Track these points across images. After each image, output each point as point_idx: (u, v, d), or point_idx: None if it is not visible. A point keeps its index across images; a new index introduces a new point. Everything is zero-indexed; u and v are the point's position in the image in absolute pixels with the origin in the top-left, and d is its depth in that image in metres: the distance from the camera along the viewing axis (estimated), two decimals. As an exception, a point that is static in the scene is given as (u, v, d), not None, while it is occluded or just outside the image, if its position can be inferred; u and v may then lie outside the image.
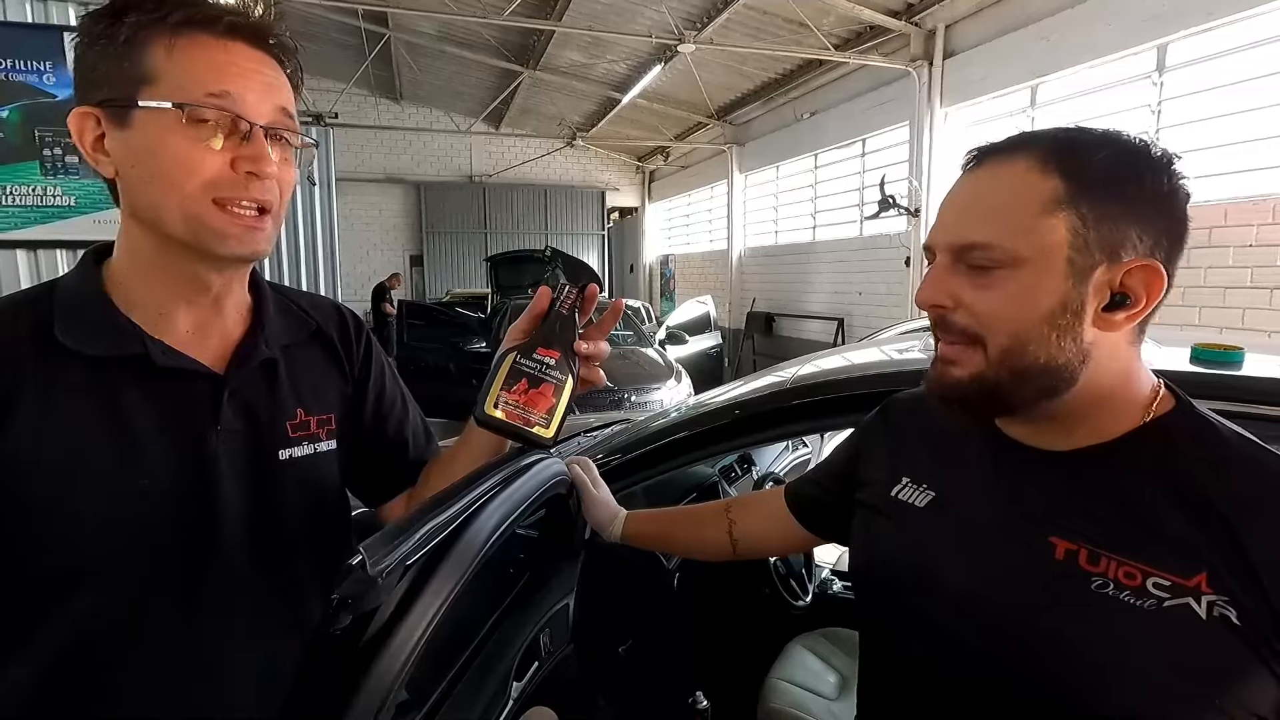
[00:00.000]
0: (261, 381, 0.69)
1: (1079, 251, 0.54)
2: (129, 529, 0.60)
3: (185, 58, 0.58)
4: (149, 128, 0.58)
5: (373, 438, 0.79)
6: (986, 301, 0.57)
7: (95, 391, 0.60)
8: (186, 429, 0.63)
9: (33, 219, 3.15)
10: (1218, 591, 0.50)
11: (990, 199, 0.57)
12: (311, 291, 0.83)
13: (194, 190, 0.58)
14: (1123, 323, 0.56)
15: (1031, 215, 0.55)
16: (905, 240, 6.42)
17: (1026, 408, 0.59)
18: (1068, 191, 0.54)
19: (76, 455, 0.58)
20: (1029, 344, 0.56)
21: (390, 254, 12.58)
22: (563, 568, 1.04)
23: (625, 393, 4.96)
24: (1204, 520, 0.53)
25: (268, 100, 0.61)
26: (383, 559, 0.42)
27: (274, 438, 0.68)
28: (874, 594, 0.70)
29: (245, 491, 0.65)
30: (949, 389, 0.61)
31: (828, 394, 1.21)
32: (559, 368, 0.72)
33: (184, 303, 0.65)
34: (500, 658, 0.84)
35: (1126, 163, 0.55)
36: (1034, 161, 0.56)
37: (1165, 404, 0.59)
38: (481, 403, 0.71)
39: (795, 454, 2.29)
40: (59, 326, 0.60)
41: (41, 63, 3.06)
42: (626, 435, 1.46)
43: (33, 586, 0.59)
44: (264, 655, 0.66)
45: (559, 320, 0.73)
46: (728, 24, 6.79)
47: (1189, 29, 4.23)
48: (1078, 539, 0.56)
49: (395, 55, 9.88)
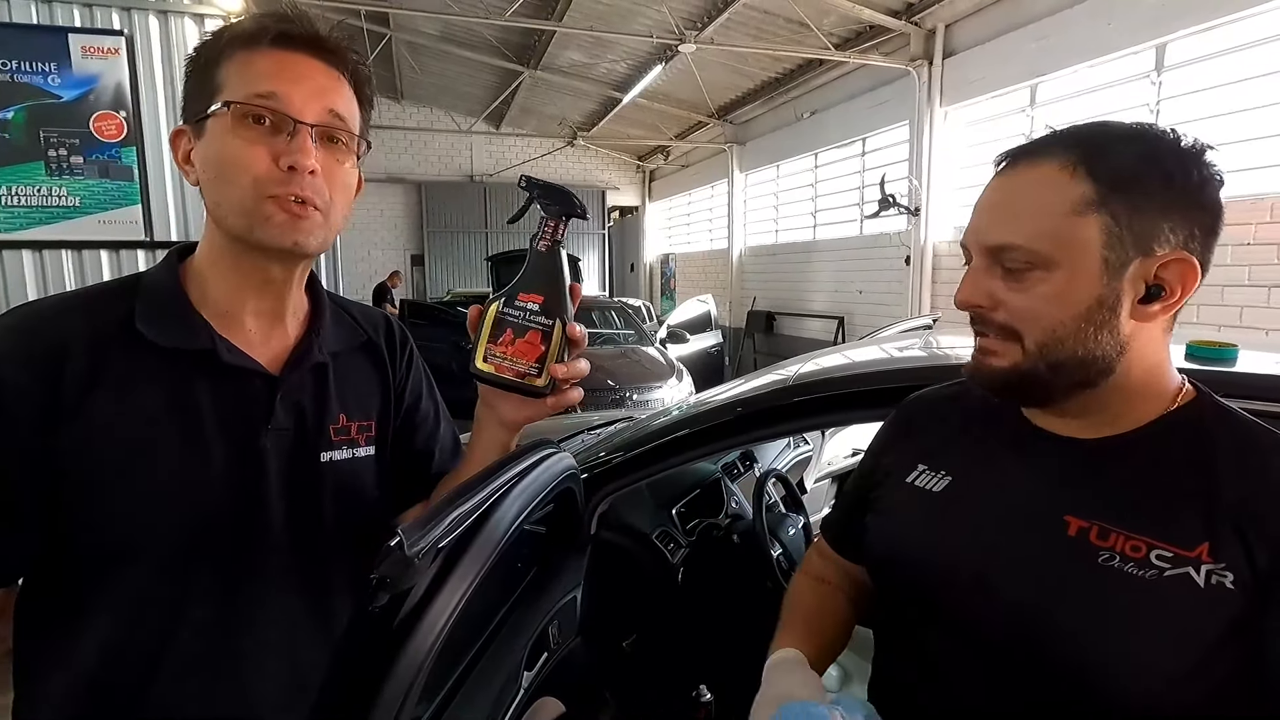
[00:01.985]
0: (311, 384, 0.72)
1: (1113, 250, 0.56)
2: (181, 512, 0.63)
3: (241, 68, 0.64)
4: (213, 133, 0.64)
5: (399, 447, 0.81)
6: (1022, 301, 0.59)
7: (166, 381, 0.64)
8: (242, 424, 0.67)
9: (38, 219, 3.16)
10: (1217, 561, 0.53)
11: (1021, 202, 0.59)
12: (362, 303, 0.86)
13: (246, 185, 0.63)
14: (1158, 314, 0.58)
15: (1063, 218, 0.56)
16: (905, 239, 6.43)
17: (1064, 396, 0.61)
18: (1098, 193, 0.55)
19: (144, 438, 0.62)
20: (1066, 339, 0.58)
21: (391, 254, 12.59)
22: (570, 561, 1.05)
23: (627, 391, 4.98)
24: (1213, 499, 0.55)
25: (317, 101, 0.65)
26: (419, 541, 0.44)
27: (318, 440, 0.71)
28: (889, 579, 0.71)
29: (287, 489, 0.68)
30: (989, 377, 0.62)
31: (829, 391, 1.22)
32: (544, 312, 0.67)
33: (251, 300, 0.69)
34: (512, 648, 0.86)
35: (1156, 158, 0.56)
36: (1063, 164, 0.57)
37: (1189, 396, 0.61)
38: (472, 357, 0.69)
39: (797, 451, 2.30)
40: (140, 317, 0.64)
41: (46, 64, 3.08)
42: (629, 433, 1.48)
43: (93, 559, 0.62)
44: (291, 648, 0.68)
45: (539, 259, 0.69)
46: (728, 24, 6.80)
47: (1188, 28, 4.25)
48: (1092, 517, 0.58)
49: (396, 55, 9.89)
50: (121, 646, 0.63)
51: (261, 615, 0.67)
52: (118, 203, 3.23)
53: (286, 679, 0.68)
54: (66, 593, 0.63)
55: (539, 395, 0.69)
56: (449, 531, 0.49)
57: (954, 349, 1.46)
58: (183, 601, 0.64)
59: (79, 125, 3.13)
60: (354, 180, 0.70)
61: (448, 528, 0.49)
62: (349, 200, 0.70)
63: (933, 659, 0.65)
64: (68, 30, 3.12)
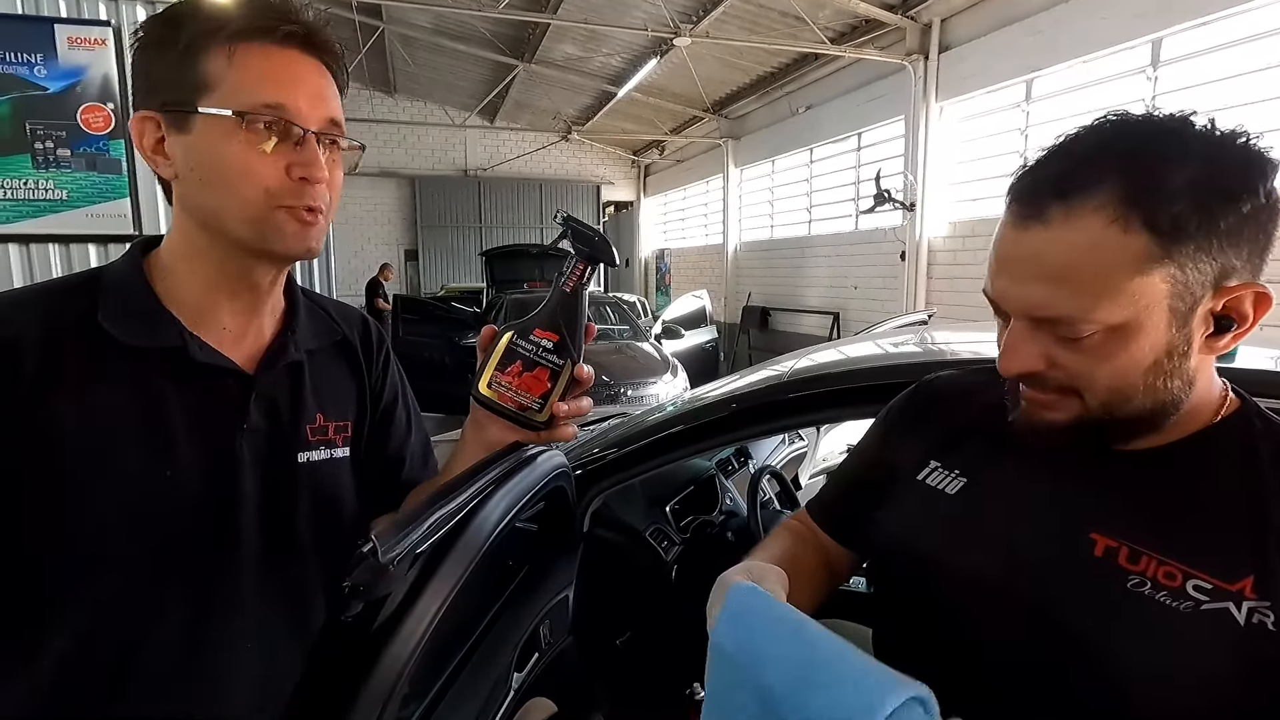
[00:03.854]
0: (287, 383, 0.70)
1: (1180, 298, 0.50)
2: (152, 518, 0.61)
3: (243, 66, 0.60)
4: (208, 133, 0.60)
5: (371, 451, 0.79)
6: (1082, 363, 0.53)
7: (133, 381, 0.61)
8: (215, 425, 0.64)
9: (25, 212, 3.12)
10: (1262, 598, 0.48)
11: (1068, 264, 0.50)
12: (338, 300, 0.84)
13: (255, 196, 0.61)
14: (1229, 344, 0.53)
15: (1122, 279, 0.49)
16: (900, 234, 6.43)
17: (1128, 440, 0.56)
18: (1159, 245, 0.48)
19: (110, 441, 0.59)
20: (1133, 395, 0.53)
21: (385, 249, 12.54)
22: (561, 560, 1.04)
23: (621, 387, 4.97)
24: (1260, 526, 0.50)
25: (319, 108, 0.63)
26: (393, 547, 0.43)
27: (294, 440, 0.69)
28: (898, 581, 0.67)
29: (262, 491, 0.66)
30: (1045, 432, 0.57)
31: (824, 387, 1.21)
32: (557, 351, 0.67)
33: (227, 299, 0.66)
34: (501, 649, 0.84)
35: (1218, 183, 0.48)
36: (1111, 215, 0.48)
37: (1233, 406, 0.57)
38: (476, 379, 0.69)
39: (792, 447, 2.29)
40: (103, 313, 0.61)
41: (32, 55, 3.04)
42: (623, 429, 1.46)
43: (59, 569, 0.59)
44: (266, 654, 0.66)
45: (562, 298, 0.68)
46: (723, 17, 6.78)
47: (1184, 23, 4.25)
48: (1121, 537, 0.54)
49: (389, 48, 9.83)
50: (88, 656, 0.60)
51: (236, 621, 0.65)
52: (106, 196, 3.19)
53: (262, 684, 0.66)
54: (29, 601, 0.60)
55: (534, 429, 0.70)
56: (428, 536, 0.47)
57: (950, 344, 1.45)
58: (154, 610, 0.61)
59: (66, 117, 3.09)
60: (341, 179, 0.69)
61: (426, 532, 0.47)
62: (339, 199, 0.69)
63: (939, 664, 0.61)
64: (53, 20, 3.08)
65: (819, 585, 0.74)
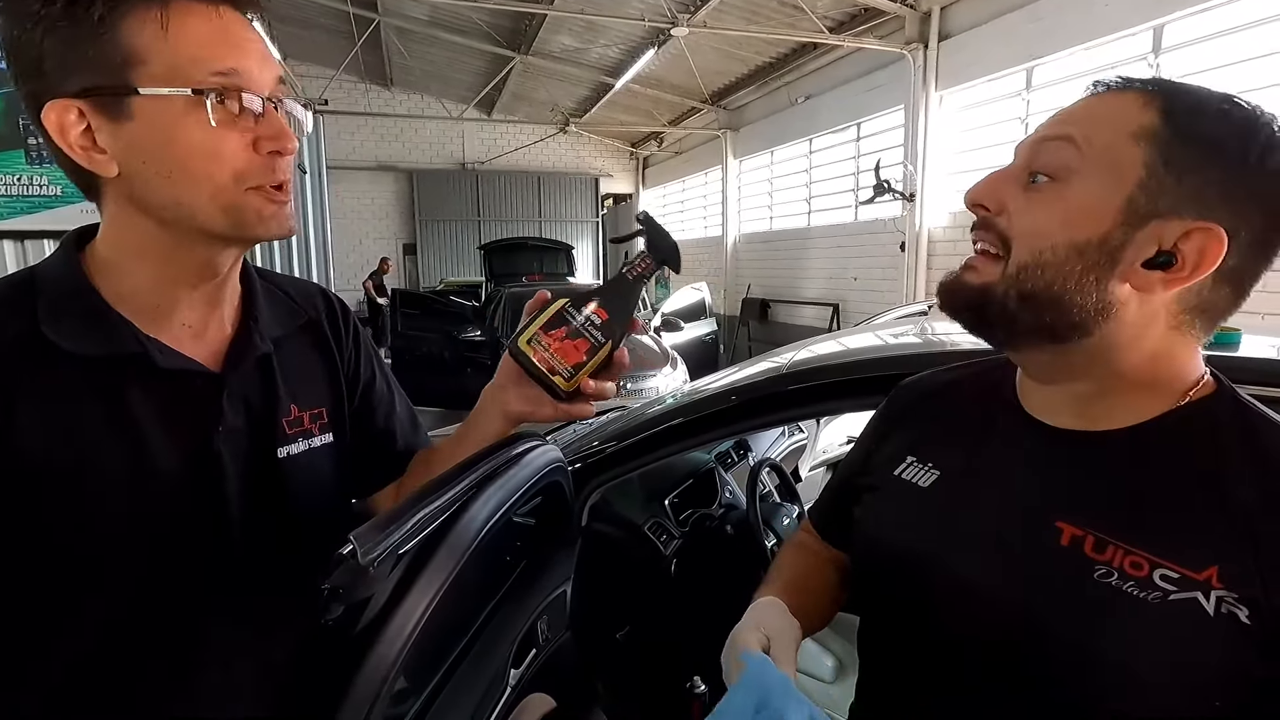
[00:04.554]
0: (257, 377, 0.66)
1: (1146, 192, 0.51)
2: (139, 533, 0.58)
3: (180, 34, 0.52)
4: (155, 117, 0.53)
5: (360, 428, 0.77)
6: (1027, 213, 0.55)
7: (96, 393, 0.57)
8: (190, 429, 0.61)
9: (19, 209, 3.11)
10: (1229, 587, 0.48)
11: (1092, 112, 0.56)
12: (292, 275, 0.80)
13: (226, 181, 0.55)
14: (1158, 285, 0.52)
15: (1116, 134, 0.53)
16: (900, 225, 6.40)
17: (1027, 339, 0.57)
18: (1162, 130, 0.51)
19: (84, 459, 0.56)
20: (1046, 267, 0.53)
21: (383, 243, 12.49)
22: (559, 555, 1.03)
23: (621, 380, 4.95)
24: (1224, 513, 0.50)
25: (268, 72, 0.57)
26: (374, 548, 0.42)
27: (272, 435, 0.66)
28: (874, 576, 0.69)
29: (246, 491, 0.64)
30: (956, 293, 0.59)
31: (824, 379, 1.20)
32: (603, 329, 0.69)
33: (185, 294, 0.62)
34: (498, 645, 0.84)
35: (1242, 136, 0.50)
36: (1144, 96, 0.54)
37: (1205, 390, 0.56)
38: (518, 334, 0.69)
39: (791, 439, 2.29)
40: (46, 323, 0.56)
41: (24, 49, 3.02)
42: (622, 422, 1.46)
43: (50, 595, 0.57)
44: (265, 653, 0.65)
45: (623, 284, 0.71)
46: (721, 6, 6.73)
47: (1186, 9, 4.21)
48: (1086, 525, 0.54)
49: (385, 40, 9.76)
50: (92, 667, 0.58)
51: (228, 623, 0.63)
52: (99, 192, 3.18)
53: (257, 684, 0.65)
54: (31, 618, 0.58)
55: (557, 396, 0.70)
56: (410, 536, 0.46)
57: (949, 335, 1.44)
58: (151, 619, 0.60)
59: (59, 113, 3.08)
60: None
61: (409, 532, 0.46)
62: None
63: (915, 657, 0.63)
64: (45, 14, 3.05)
65: (834, 596, 0.76)
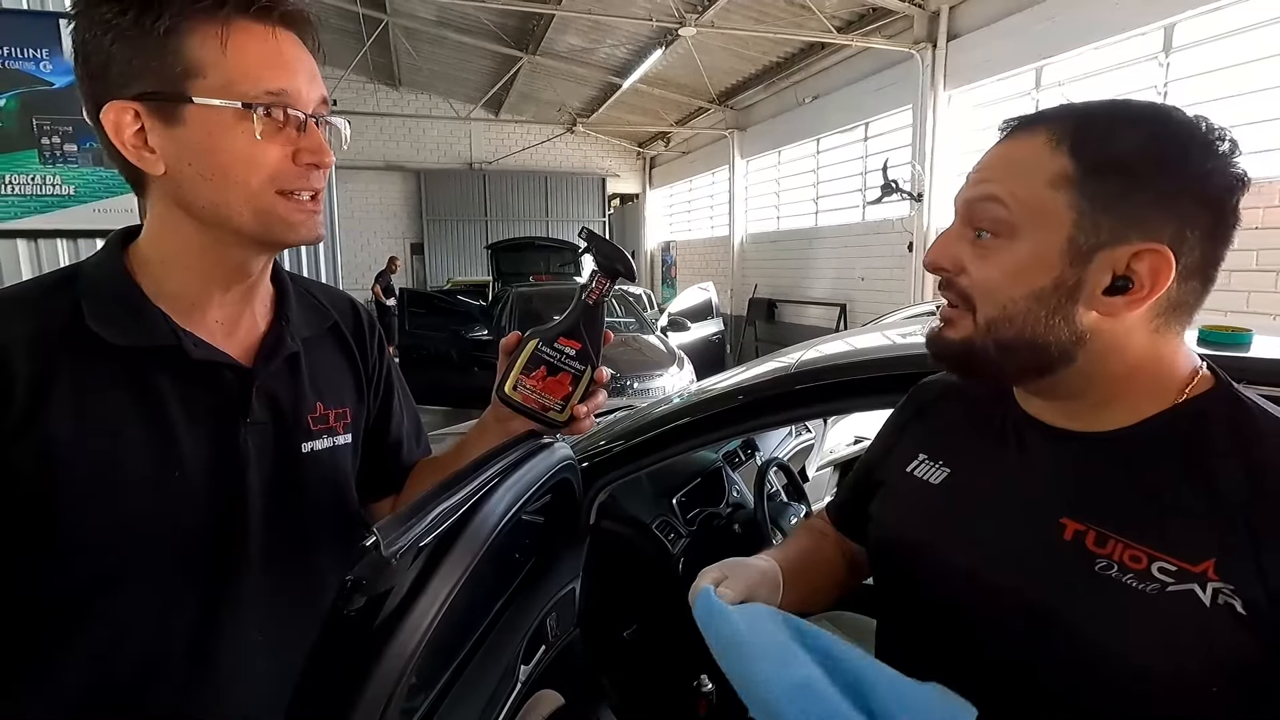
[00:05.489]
0: (286, 374, 0.69)
1: (1083, 231, 0.53)
2: (163, 522, 0.60)
3: (237, 52, 0.57)
4: (205, 124, 0.57)
5: (375, 437, 0.79)
6: (983, 270, 0.57)
7: (129, 383, 0.59)
8: (218, 422, 0.63)
9: (32, 208, 3.13)
10: (1225, 579, 0.49)
11: (1006, 164, 0.58)
12: (325, 283, 0.83)
13: (259, 186, 0.59)
14: (1122, 308, 0.54)
15: (1034, 186, 0.55)
16: (908, 225, 6.38)
17: (1018, 379, 0.60)
18: (1076, 172, 0.53)
19: (113, 447, 0.58)
20: (1015, 318, 0.56)
21: (391, 242, 12.55)
22: (568, 553, 1.04)
23: (628, 379, 4.96)
24: (1221, 507, 0.51)
25: (314, 90, 0.61)
26: (396, 540, 0.42)
27: (296, 431, 0.69)
28: (887, 573, 0.70)
29: (269, 484, 0.66)
30: (940, 347, 0.62)
31: (831, 379, 1.20)
32: (579, 358, 0.72)
33: (219, 292, 0.65)
34: (508, 641, 0.84)
35: (1156, 145, 0.52)
36: (1052, 136, 0.55)
37: (1202, 386, 0.57)
38: (501, 381, 0.73)
39: (799, 439, 2.29)
40: (90, 315, 0.59)
41: (38, 50, 3.04)
42: (630, 421, 1.46)
43: (75, 584, 0.58)
44: (276, 646, 0.66)
45: (584, 310, 0.73)
46: (729, 6, 6.72)
47: (1196, 8, 4.18)
48: (1088, 521, 0.55)
49: (393, 41, 9.80)
50: (112, 660, 0.60)
51: (249, 615, 0.65)
52: (112, 191, 3.18)
53: (277, 677, 0.66)
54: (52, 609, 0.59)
55: (556, 429, 0.75)
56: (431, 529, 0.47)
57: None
58: (170, 611, 0.61)
59: (72, 113, 3.08)
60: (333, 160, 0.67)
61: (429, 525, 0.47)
62: None
63: (929, 651, 0.64)
64: (58, 15, 3.08)
65: (836, 578, 0.78)
